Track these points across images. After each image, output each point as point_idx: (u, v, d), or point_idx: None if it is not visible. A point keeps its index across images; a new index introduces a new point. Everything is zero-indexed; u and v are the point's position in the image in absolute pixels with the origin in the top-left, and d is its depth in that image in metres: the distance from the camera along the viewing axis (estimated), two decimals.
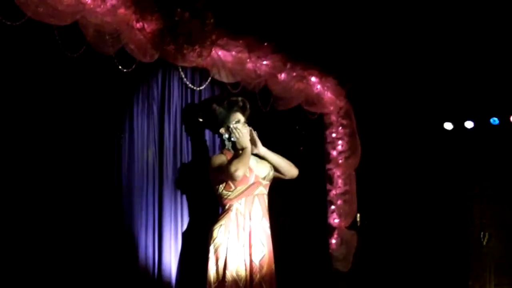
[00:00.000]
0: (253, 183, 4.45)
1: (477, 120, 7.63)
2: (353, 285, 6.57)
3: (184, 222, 4.75)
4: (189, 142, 4.87)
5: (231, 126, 4.49)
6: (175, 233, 4.67)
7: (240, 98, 4.63)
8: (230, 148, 4.56)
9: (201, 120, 4.78)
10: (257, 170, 4.49)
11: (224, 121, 4.57)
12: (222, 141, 4.63)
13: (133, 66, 4.31)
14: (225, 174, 4.30)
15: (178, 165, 4.76)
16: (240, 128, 4.49)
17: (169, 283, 4.59)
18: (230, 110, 4.57)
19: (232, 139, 4.54)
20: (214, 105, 4.61)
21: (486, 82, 7.01)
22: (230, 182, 4.39)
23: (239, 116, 4.56)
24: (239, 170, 4.23)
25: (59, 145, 4.01)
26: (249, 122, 4.62)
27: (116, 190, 4.34)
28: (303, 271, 5.88)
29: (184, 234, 4.72)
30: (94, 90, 4.23)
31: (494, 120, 7.61)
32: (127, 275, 4.30)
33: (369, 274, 6.81)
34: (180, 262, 4.66)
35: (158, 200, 4.61)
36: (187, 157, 4.84)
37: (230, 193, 4.41)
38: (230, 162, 4.31)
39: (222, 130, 4.58)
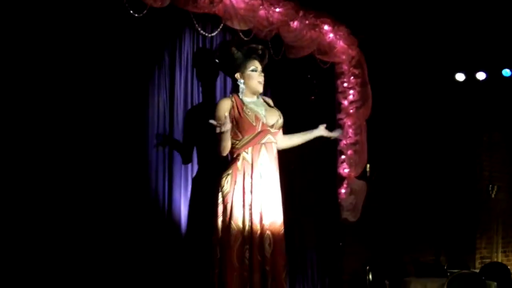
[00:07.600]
0: (260, 132, 4.41)
1: (489, 71, 7.58)
2: (362, 235, 6.63)
3: (194, 169, 4.77)
4: (200, 89, 4.84)
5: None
6: (185, 179, 4.72)
7: (260, 46, 4.58)
8: (242, 92, 4.52)
9: (217, 61, 4.71)
10: (265, 118, 4.46)
11: (240, 67, 4.51)
12: (235, 85, 4.59)
13: (145, 11, 4.27)
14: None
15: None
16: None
17: (179, 222, 4.65)
18: (248, 56, 4.51)
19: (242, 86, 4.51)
20: (234, 49, 4.53)
21: (499, 33, 6.93)
22: (237, 131, 4.38)
23: (256, 64, 4.50)
24: (226, 149, 4.36)
25: (68, 91, 4.03)
26: (265, 71, 4.57)
27: (128, 137, 4.36)
28: (312, 220, 5.90)
29: (193, 182, 4.74)
30: (105, 36, 4.20)
31: (506, 72, 7.57)
32: (138, 215, 4.36)
33: (377, 224, 6.85)
34: (190, 209, 4.70)
35: (168, 148, 4.63)
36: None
37: (237, 142, 4.39)
38: (218, 144, 4.34)
39: (237, 75, 4.52)
